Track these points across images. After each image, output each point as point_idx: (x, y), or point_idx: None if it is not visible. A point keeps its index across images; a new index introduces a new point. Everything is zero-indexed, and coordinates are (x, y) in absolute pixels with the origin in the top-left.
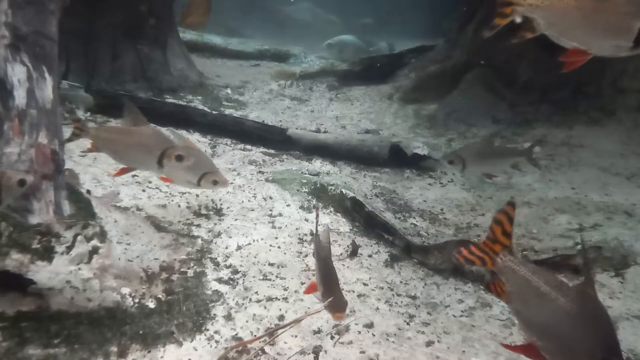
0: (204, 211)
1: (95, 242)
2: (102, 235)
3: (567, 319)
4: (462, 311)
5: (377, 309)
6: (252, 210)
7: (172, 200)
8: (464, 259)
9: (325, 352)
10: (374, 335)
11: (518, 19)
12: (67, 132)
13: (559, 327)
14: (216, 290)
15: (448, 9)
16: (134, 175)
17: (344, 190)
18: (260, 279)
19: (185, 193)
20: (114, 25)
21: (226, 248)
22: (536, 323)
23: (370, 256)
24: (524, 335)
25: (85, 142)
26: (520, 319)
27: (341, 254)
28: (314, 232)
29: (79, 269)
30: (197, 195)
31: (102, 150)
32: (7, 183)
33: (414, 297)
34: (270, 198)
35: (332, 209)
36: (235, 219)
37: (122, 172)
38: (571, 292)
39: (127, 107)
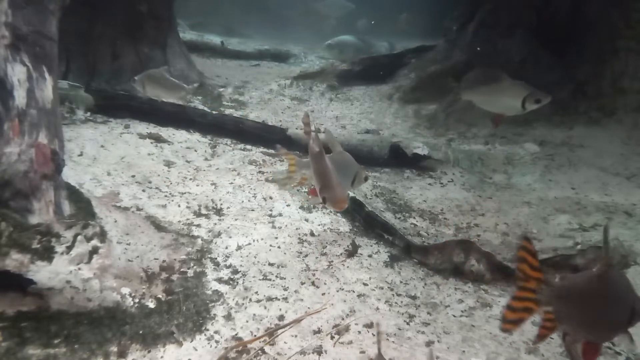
0: (204, 211)
1: (95, 242)
2: (102, 235)
3: (602, 292)
4: (462, 311)
5: (377, 309)
6: (252, 210)
7: (172, 200)
8: (512, 324)
9: (325, 352)
10: (374, 335)
11: None
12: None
13: (597, 304)
14: (216, 290)
15: (448, 9)
16: (133, 175)
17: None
18: (260, 279)
19: (185, 193)
20: (114, 25)
21: (226, 248)
22: (587, 320)
23: (370, 256)
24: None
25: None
26: (574, 329)
27: (341, 254)
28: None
29: (79, 269)
30: (197, 195)
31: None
32: None
33: (414, 297)
34: (270, 198)
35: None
36: (235, 219)
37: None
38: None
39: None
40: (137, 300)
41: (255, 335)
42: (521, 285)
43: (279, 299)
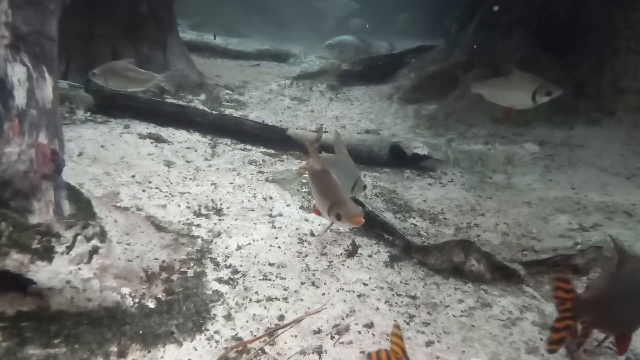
0: (204, 211)
1: (95, 242)
2: (102, 235)
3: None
4: (462, 311)
5: (377, 309)
6: (252, 210)
7: (172, 200)
8: (557, 344)
9: (325, 352)
10: (374, 335)
11: None
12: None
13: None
14: (216, 290)
15: (448, 9)
16: (133, 175)
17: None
18: (260, 279)
19: (185, 193)
20: (114, 25)
21: (226, 248)
22: (618, 317)
23: (370, 256)
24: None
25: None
26: (608, 328)
27: (341, 254)
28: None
29: (79, 269)
30: (197, 195)
31: None
32: None
33: (414, 297)
34: (270, 198)
35: None
36: (235, 219)
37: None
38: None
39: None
40: (137, 300)
41: (255, 335)
42: (561, 309)
43: (279, 299)
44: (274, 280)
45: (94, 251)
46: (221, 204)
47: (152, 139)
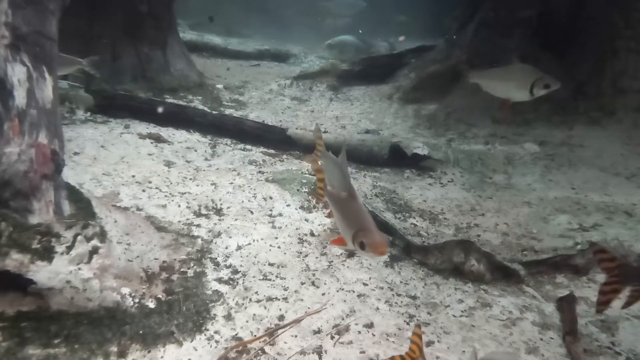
0: (204, 211)
1: (95, 242)
2: (102, 235)
3: None
4: (462, 311)
5: (377, 309)
6: (252, 210)
7: (172, 200)
8: (604, 304)
9: (325, 352)
10: (374, 335)
11: None
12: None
13: None
14: (216, 290)
15: (448, 9)
16: (133, 175)
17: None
18: (260, 279)
19: (185, 193)
20: (114, 25)
21: (226, 248)
22: None
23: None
24: None
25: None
26: None
27: (341, 254)
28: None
29: (79, 269)
30: (197, 195)
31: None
32: None
33: (414, 297)
34: (270, 198)
35: None
36: (235, 219)
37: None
38: None
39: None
40: (137, 300)
41: (255, 335)
42: (608, 275)
43: (279, 299)
44: (274, 280)
45: (94, 251)
46: (221, 204)
47: (152, 139)
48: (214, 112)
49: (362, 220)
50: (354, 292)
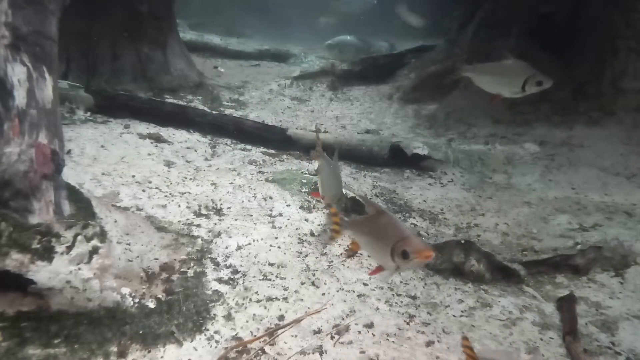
0: (204, 211)
1: (95, 242)
2: (102, 235)
3: None
4: (462, 311)
5: (377, 309)
6: (252, 210)
7: (172, 200)
8: None
9: (326, 352)
10: (374, 335)
11: None
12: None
13: None
14: (216, 290)
15: (448, 9)
16: (133, 175)
17: (344, 191)
18: (260, 279)
19: (185, 193)
20: (114, 25)
21: (226, 248)
22: None
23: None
24: None
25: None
26: None
27: (341, 254)
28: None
29: (79, 269)
30: (197, 195)
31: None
32: None
33: (414, 297)
34: (270, 198)
35: None
36: (235, 219)
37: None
38: None
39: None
40: (137, 300)
41: (255, 335)
42: None
43: (279, 299)
44: (274, 280)
45: (94, 251)
46: (221, 204)
47: (152, 139)
48: (214, 112)
49: (397, 230)
50: (354, 292)
